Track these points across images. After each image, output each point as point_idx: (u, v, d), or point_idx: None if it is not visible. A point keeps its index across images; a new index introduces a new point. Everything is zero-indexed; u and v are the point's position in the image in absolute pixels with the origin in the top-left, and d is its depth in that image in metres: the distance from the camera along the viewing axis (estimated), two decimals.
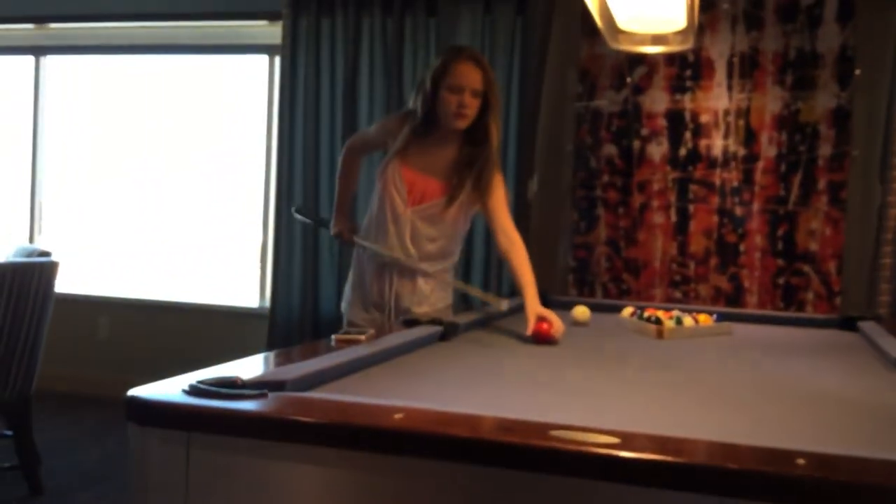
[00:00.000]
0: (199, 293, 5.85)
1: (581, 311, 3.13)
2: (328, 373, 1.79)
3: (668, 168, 4.60)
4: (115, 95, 6.12)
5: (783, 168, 4.45)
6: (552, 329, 2.58)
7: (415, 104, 3.04)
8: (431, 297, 3.11)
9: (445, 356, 2.29)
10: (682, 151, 4.58)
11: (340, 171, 3.36)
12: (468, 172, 2.98)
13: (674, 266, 4.59)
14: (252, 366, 1.80)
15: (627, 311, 3.20)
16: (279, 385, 1.57)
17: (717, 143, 4.53)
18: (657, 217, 4.62)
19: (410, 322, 2.58)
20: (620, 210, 4.68)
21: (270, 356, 2.07)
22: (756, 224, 4.49)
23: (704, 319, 3.04)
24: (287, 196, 5.12)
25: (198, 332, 5.52)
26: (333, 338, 2.18)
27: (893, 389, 2.07)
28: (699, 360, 2.47)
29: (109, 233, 6.24)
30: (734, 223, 4.52)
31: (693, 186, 4.57)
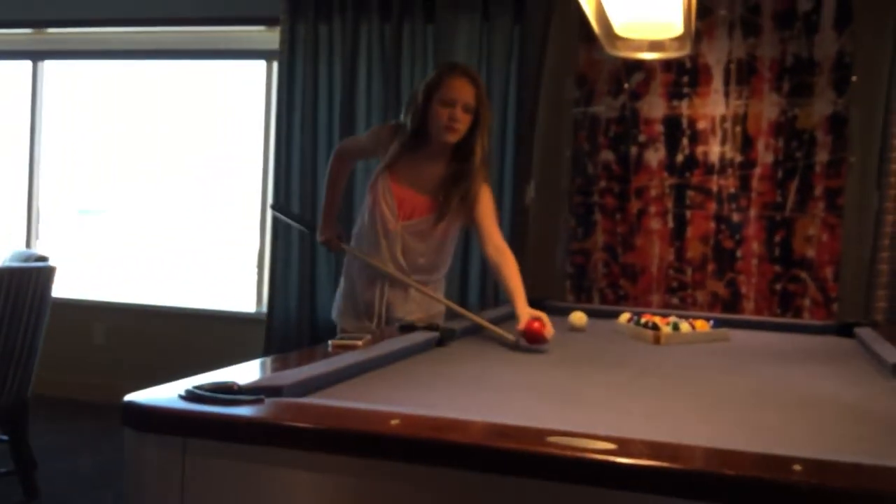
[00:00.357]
0: (196, 298, 5.85)
1: (578, 317, 3.13)
2: (325, 378, 1.79)
3: (666, 174, 4.61)
4: (113, 100, 6.13)
5: (780, 174, 4.45)
6: (544, 329, 2.54)
7: (406, 117, 3.03)
8: (424, 305, 3.10)
9: (442, 362, 2.29)
10: (680, 157, 4.58)
11: (329, 178, 3.34)
12: (454, 190, 2.97)
13: (671, 272, 4.60)
14: (249, 371, 1.79)
15: (624, 317, 3.19)
16: (276, 391, 1.57)
17: (715, 150, 4.54)
18: (654, 223, 4.62)
19: (407, 328, 2.57)
20: (618, 216, 4.68)
21: (267, 361, 2.06)
22: (753, 230, 4.49)
23: (701, 325, 3.04)
24: (285, 202, 5.12)
25: (194, 338, 5.51)
26: (330, 343, 2.18)
27: (890, 395, 2.07)
28: (696, 366, 2.46)
29: (106, 238, 6.24)
30: (731, 229, 4.52)
31: (690, 192, 4.57)
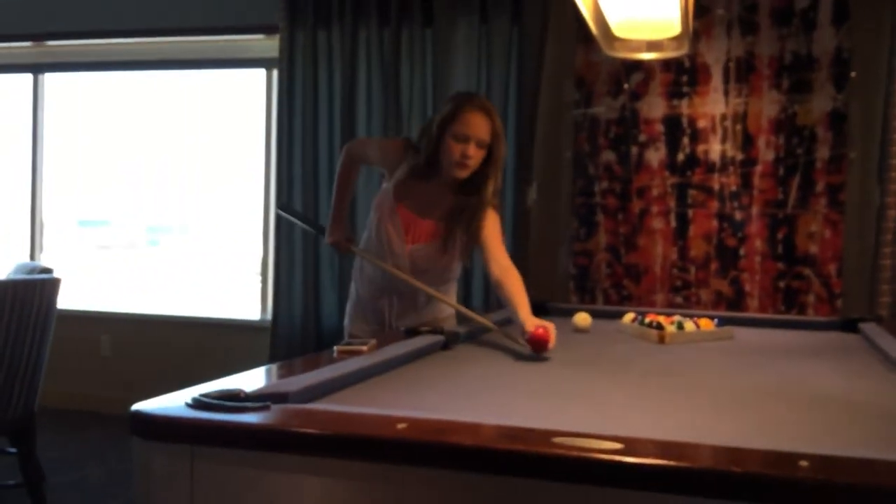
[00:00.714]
0: (201, 307, 5.86)
1: (582, 318, 3.13)
2: (330, 384, 1.79)
3: (667, 173, 4.61)
4: (115, 112, 6.14)
5: (781, 171, 4.45)
6: (548, 335, 2.44)
7: (419, 142, 2.96)
8: (434, 310, 3.08)
9: (447, 365, 2.29)
10: (681, 157, 4.59)
11: (339, 178, 3.23)
12: (459, 223, 2.93)
13: (674, 271, 4.60)
14: (254, 378, 1.80)
15: (629, 317, 3.19)
16: (282, 397, 1.57)
17: (715, 148, 4.54)
18: (657, 223, 4.62)
19: (411, 332, 2.58)
20: (620, 216, 4.68)
21: (272, 368, 2.07)
22: (755, 228, 4.49)
23: (706, 324, 3.03)
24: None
25: (200, 347, 5.52)
26: (335, 349, 2.17)
27: (895, 390, 2.07)
28: (701, 365, 2.46)
29: (109, 248, 6.25)
30: (734, 227, 4.52)
31: (692, 191, 4.57)
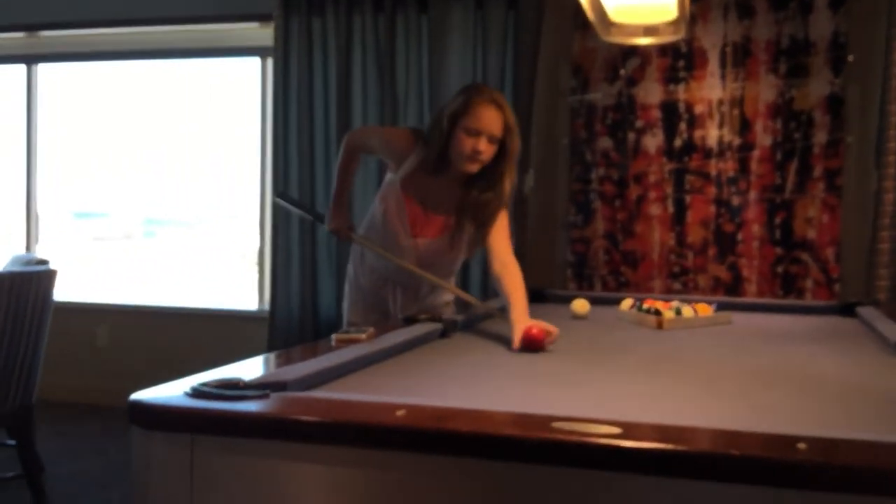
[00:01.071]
0: (198, 298, 5.86)
1: (580, 305, 3.13)
2: (329, 372, 1.79)
3: (664, 159, 4.60)
4: (109, 102, 6.12)
5: (778, 156, 4.45)
6: (542, 333, 2.33)
7: (429, 136, 2.89)
8: (436, 299, 3.09)
9: (446, 353, 2.30)
10: (678, 142, 4.58)
11: (340, 165, 3.16)
12: (469, 218, 2.88)
13: (672, 257, 4.60)
14: (253, 367, 1.81)
15: (626, 304, 3.20)
16: (281, 385, 1.57)
17: (712, 133, 4.53)
18: (654, 209, 4.62)
19: (409, 320, 2.58)
20: (617, 203, 4.68)
21: (271, 357, 2.07)
22: (753, 213, 4.49)
23: (704, 309, 3.03)
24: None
25: (197, 337, 5.52)
26: (333, 337, 2.18)
27: (893, 373, 2.08)
28: (699, 350, 2.47)
29: (105, 239, 6.24)
30: (731, 213, 4.52)
31: (689, 177, 4.57)
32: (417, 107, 4.89)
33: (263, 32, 5.35)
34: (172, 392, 1.50)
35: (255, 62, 5.62)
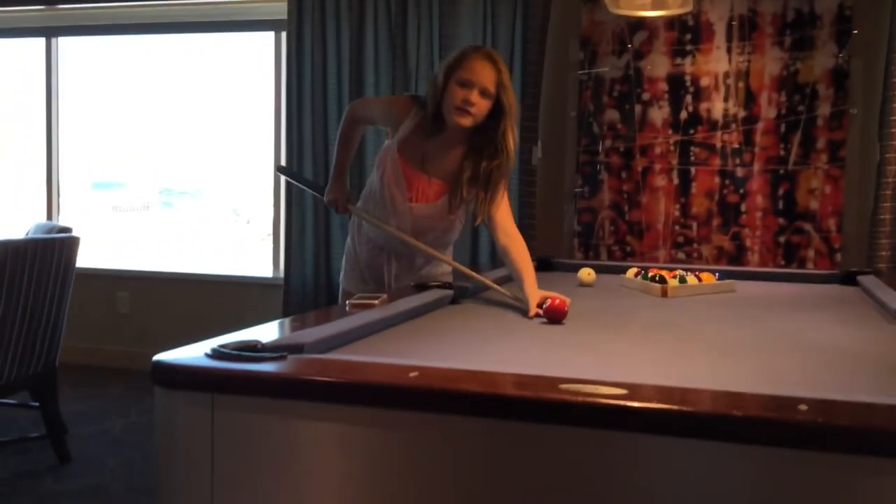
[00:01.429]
0: (215, 265, 5.96)
1: (587, 273, 3.17)
2: (344, 336, 1.84)
3: (670, 131, 4.67)
4: (126, 74, 6.19)
5: (783, 128, 4.51)
6: (564, 304, 2.29)
7: (426, 96, 2.89)
8: (432, 269, 3.08)
9: (457, 318, 2.33)
10: (684, 115, 4.64)
11: (340, 137, 3.19)
12: (474, 186, 2.86)
13: (676, 228, 4.68)
14: (271, 331, 1.84)
15: (632, 272, 3.22)
16: (298, 348, 1.61)
17: (718, 106, 4.60)
18: (659, 180, 4.69)
19: (421, 286, 2.61)
20: (623, 174, 4.75)
21: (287, 322, 2.12)
22: (757, 184, 4.56)
23: (707, 278, 3.06)
24: (298, 170, 5.20)
25: (215, 303, 5.63)
26: (348, 303, 2.21)
27: (892, 339, 2.10)
28: (703, 317, 2.49)
29: (125, 211, 6.35)
30: (735, 184, 4.59)
31: (694, 149, 4.64)
32: (427, 79, 4.95)
33: (278, 6, 5.39)
34: (194, 353, 1.54)
35: (270, 36, 5.68)
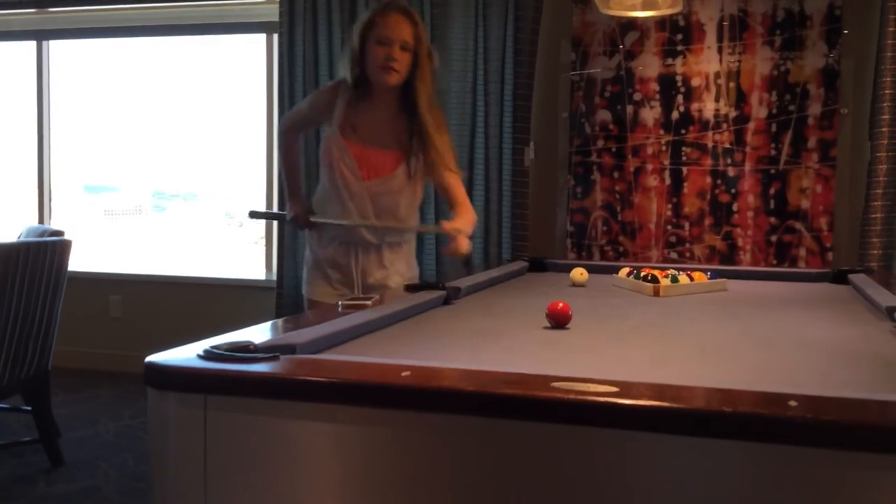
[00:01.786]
0: (207, 268, 5.95)
1: (579, 273, 3.16)
2: (336, 336, 1.84)
3: (662, 131, 4.68)
4: (118, 77, 6.18)
5: (774, 128, 4.53)
6: (569, 309, 2.18)
7: (345, 70, 2.90)
8: (400, 268, 3.06)
9: (449, 319, 2.33)
10: (675, 115, 4.66)
11: (283, 155, 3.19)
12: (414, 145, 2.88)
13: (669, 228, 4.69)
14: (263, 332, 1.84)
15: (624, 272, 3.21)
16: (290, 349, 1.61)
17: (709, 106, 4.61)
18: (651, 180, 4.71)
19: (413, 287, 2.61)
20: (615, 174, 4.76)
21: (280, 323, 2.11)
22: (748, 184, 4.57)
23: (699, 277, 3.06)
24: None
25: (208, 306, 5.62)
26: (340, 304, 2.22)
27: (882, 336, 2.10)
28: (695, 316, 2.48)
29: (117, 214, 6.34)
30: (727, 183, 4.60)
31: (686, 149, 4.65)
32: None
33: (269, 8, 5.40)
34: (186, 354, 1.54)
35: (261, 38, 5.68)
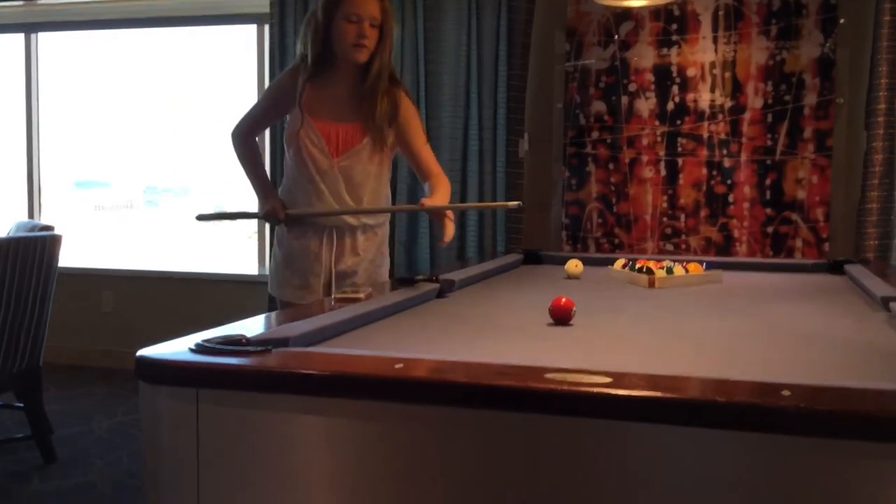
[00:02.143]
0: (199, 263, 5.92)
1: (574, 265, 3.16)
2: (329, 330, 1.83)
3: (657, 122, 4.65)
4: (108, 70, 6.14)
5: (770, 118, 4.50)
6: (571, 303, 2.13)
7: (305, 47, 2.89)
8: (372, 255, 3.03)
9: (442, 312, 2.33)
10: (670, 105, 4.63)
11: (242, 161, 3.17)
12: (379, 113, 2.85)
13: (664, 219, 4.66)
14: (255, 325, 1.83)
15: (619, 263, 3.22)
16: (283, 342, 1.60)
17: (704, 96, 4.58)
18: (647, 171, 4.68)
19: (406, 280, 2.60)
20: (611, 166, 4.73)
21: (272, 316, 2.10)
22: (744, 174, 4.55)
23: (694, 268, 3.06)
24: (280, 165, 5.15)
25: (199, 300, 5.60)
26: (333, 297, 2.23)
27: (878, 326, 2.11)
28: (690, 307, 2.49)
29: (108, 210, 6.30)
30: (723, 174, 4.58)
31: (681, 140, 4.62)
32: (413, 73, 4.91)
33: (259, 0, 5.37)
34: (178, 348, 1.53)
35: (252, 29, 5.64)
